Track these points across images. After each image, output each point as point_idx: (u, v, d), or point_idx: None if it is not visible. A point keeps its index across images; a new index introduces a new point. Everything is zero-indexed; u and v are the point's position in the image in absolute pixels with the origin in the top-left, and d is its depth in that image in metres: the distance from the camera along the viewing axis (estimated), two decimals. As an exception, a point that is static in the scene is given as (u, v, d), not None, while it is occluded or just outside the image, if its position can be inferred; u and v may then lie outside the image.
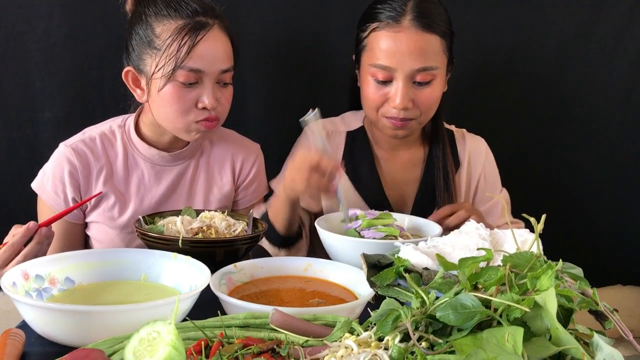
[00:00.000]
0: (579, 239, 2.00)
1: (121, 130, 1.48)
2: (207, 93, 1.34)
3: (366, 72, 1.47)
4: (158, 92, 1.33)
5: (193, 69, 1.31)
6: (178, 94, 1.32)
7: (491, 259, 0.79)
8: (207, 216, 1.27)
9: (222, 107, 1.40)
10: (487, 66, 1.94)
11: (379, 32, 1.42)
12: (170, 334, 0.59)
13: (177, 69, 1.30)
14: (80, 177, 1.42)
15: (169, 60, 1.30)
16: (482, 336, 0.67)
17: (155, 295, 1.01)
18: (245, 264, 1.10)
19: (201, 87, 1.34)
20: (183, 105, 1.33)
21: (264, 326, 0.84)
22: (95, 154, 1.43)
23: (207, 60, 1.32)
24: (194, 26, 1.32)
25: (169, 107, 1.34)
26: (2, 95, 1.84)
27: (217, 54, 1.34)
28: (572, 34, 1.92)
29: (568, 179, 2.03)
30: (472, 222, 1.08)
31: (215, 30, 1.35)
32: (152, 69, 1.33)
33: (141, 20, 1.36)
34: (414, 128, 1.52)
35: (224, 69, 1.36)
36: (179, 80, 1.31)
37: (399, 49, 1.39)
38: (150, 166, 1.46)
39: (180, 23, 1.32)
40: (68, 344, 0.86)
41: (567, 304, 0.72)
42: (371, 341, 0.74)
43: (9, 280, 0.93)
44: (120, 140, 1.46)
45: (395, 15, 1.40)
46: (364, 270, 0.94)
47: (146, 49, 1.34)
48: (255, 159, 1.59)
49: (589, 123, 1.99)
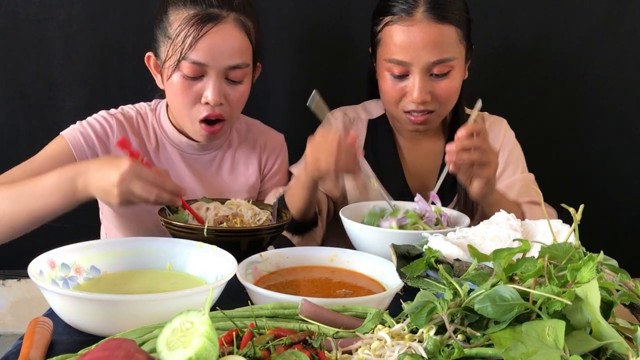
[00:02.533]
0: (604, 230, 1.97)
1: (152, 115, 1.48)
2: (210, 88, 1.30)
3: (382, 67, 1.45)
4: (167, 80, 1.34)
5: (196, 62, 1.28)
6: (182, 85, 1.31)
7: (528, 250, 0.77)
8: (234, 203, 1.25)
9: (231, 106, 1.35)
10: (511, 54, 1.90)
11: (393, 26, 1.40)
12: (204, 325, 0.58)
13: (182, 60, 1.28)
14: (113, 142, 1.39)
15: (176, 50, 1.29)
16: (521, 329, 0.66)
17: (181, 285, 1.01)
18: (271, 254, 1.09)
19: (206, 81, 1.31)
20: (187, 97, 1.32)
21: (293, 317, 0.83)
22: (133, 130, 1.44)
23: (211, 54, 1.28)
24: (202, 17, 1.28)
25: (175, 98, 1.34)
26: (24, 84, 1.85)
27: (224, 48, 1.30)
28: (599, 23, 1.88)
29: (592, 169, 2.00)
30: (502, 212, 1.05)
31: (227, 24, 1.30)
32: (164, 57, 1.33)
33: (163, 5, 1.36)
34: (434, 120, 1.49)
35: (232, 65, 1.31)
36: (184, 72, 1.29)
37: (413, 42, 1.36)
38: (179, 153, 1.46)
39: (192, 13, 1.29)
40: (95, 332, 0.85)
41: (608, 297, 0.70)
42: (404, 333, 0.73)
43: (36, 268, 0.93)
44: (151, 124, 1.46)
45: (407, 8, 1.37)
46: (394, 261, 0.92)
47: (162, 35, 1.34)
48: (280, 150, 1.59)
49: (614, 113, 1.96)
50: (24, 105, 1.86)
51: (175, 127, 1.45)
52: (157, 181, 1.13)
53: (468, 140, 1.24)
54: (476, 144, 1.24)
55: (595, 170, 2.00)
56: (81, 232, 1.19)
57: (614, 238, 1.98)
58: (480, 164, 1.25)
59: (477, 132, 1.25)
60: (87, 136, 1.37)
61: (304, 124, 1.77)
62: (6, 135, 1.88)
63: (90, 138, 1.37)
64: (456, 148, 1.24)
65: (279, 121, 1.82)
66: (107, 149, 1.39)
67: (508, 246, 0.97)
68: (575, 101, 1.94)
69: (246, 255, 1.05)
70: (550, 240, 0.94)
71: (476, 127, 1.26)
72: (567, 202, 0.78)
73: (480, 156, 1.25)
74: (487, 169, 1.27)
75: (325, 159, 1.24)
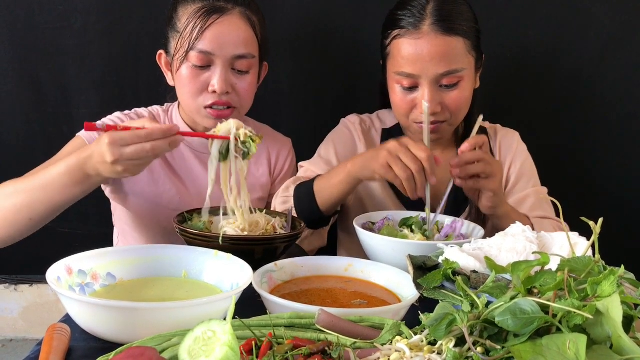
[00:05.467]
0: (621, 241, 1.95)
1: (164, 115, 1.52)
2: (217, 76, 1.35)
3: (392, 80, 1.46)
4: (176, 73, 1.39)
5: (203, 51, 1.34)
6: (190, 75, 1.36)
7: (547, 264, 0.76)
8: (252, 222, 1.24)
9: (239, 95, 1.40)
10: (524, 66, 1.90)
11: (400, 39, 1.41)
12: (226, 334, 0.58)
13: (190, 50, 1.34)
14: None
15: (184, 42, 1.34)
16: (541, 343, 0.66)
17: (197, 292, 1.01)
18: (286, 263, 1.09)
19: (213, 70, 1.36)
20: (194, 86, 1.36)
21: (310, 326, 0.83)
22: None
23: (217, 43, 1.34)
24: (209, 9, 1.34)
25: (183, 89, 1.39)
26: (39, 91, 1.87)
27: (230, 38, 1.35)
28: (614, 34, 1.88)
29: (607, 179, 1.99)
30: (518, 224, 1.05)
31: (232, 16, 1.37)
32: (174, 51, 1.39)
33: (173, 5, 1.42)
34: (446, 130, 1.50)
35: (238, 55, 1.37)
36: (192, 62, 1.35)
37: (421, 55, 1.37)
38: (192, 152, 1.50)
39: (199, 6, 1.35)
40: (112, 339, 0.86)
41: (629, 311, 0.70)
42: (423, 345, 0.73)
43: (54, 274, 0.93)
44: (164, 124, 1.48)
45: (415, 21, 1.38)
46: (411, 272, 0.92)
47: (171, 31, 1.40)
48: (289, 153, 1.63)
49: (628, 124, 1.95)
50: (39, 112, 1.88)
51: (189, 126, 1.49)
52: (143, 135, 1.09)
53: (470, 153, 1.25)
54: (479, 156, 1.25)
55: (609, 183, 1.99)
56: (92, 239, 1.20)
57: (630, 250, 1.97)
58: (485, 175, 1.26)
59: (479, 145, 1.27)
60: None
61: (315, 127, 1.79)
62: (22, 141, 1.90)
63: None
64: (459, 162, 1.25)
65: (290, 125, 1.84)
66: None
67: (524, 258, 0.97)
68: (588, 113, 1.94)
69: (260, 264, 1.06)
70: (567, 253, 0.94)
71: (478, 140, 1.28)
72: (580, 215, 0.78)
73: (484, 168, 1.26)
74: (493, 181, 1.27)
75: (399, 171, 1.21)
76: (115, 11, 1.81)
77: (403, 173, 1.22)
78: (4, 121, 1.89)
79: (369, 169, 1.28)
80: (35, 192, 1.20)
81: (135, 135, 1.09)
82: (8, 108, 1.87)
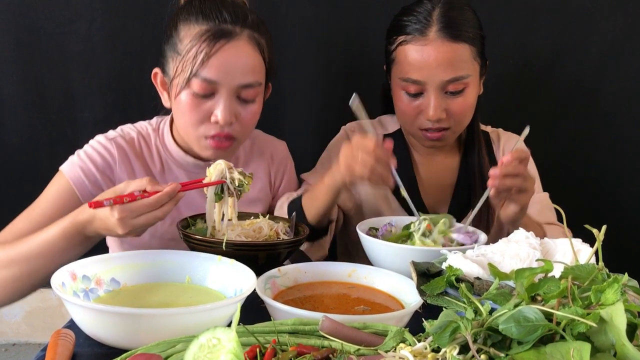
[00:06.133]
0: (624, 248, 1.95)
1: (155, 135, 1.41)
2: (221, 107, 1.25)
3: (397, 86, 1.46)
4: (175, 98, 1.28)
5: (207, 79, 1.23)
6: (192, 103, 1.25)
7: (550, 271, 0.76)
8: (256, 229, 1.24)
9: (242, 126, 1.30)
10: (527, 70, 1.91)
11: (406, 45, 1.40)
12: (231, 342, 0.58)
13: (192, 77, 1.23)
14: (117, 172, 1.33)
15: (186, 66, 1.23)
16: (545, 350, 0.66)
17: (200, 298, 1.01)
18: (289, 269, 1.09)
19: (216, 99, 1.26)
20: (195, 116, 1.26)
21: (313, 333, 0.83)
22: (135, 153, 1.37)
23: (223, 71, 1.23)
24: (215, 33, 1.23)
25: (182, 116, 1.28)
26: (43, 95, 1.88)
27: (237, 66, 1.25)
28: (615, 40, 1.88)
29: (609, 185, 1.99)
30: (521, 230, 1.05)
31: (240, 41, 1.25)
32: (173, 74, 1.27)
33: (173, 20, 1.30)
34: (450, 137, 1.50)
35: (244, 84, 1.26)
36: (193, 90, 1.24)
37: (427, 62, 1.37)
38: (185, 174, 1.40)
39: (204, 28, 1.24)
40: (116, 345, 0.86)
41: (632, 319, 0.70)
42: (427, 352, 0.73)
43: (58, 280, 0.94)
44: (154, 145, 1.40)
45: (421, 27, 1.38)
46: (414, 278, 0.92)
47: (171, 51, 1.29)
48: (287, 159, 1.58)
49: (630, 129, 1.95)
50: (43, 116, 1.89)
51: (181, 147, 1.40)
52: (152, 204, 1.08)
53: (512, 166, 1.23)
54: (519, 170, 1.23)
55: (612, 188, 1.99)
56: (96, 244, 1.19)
57: (633, 257, 1.97)
58: (520, 190, 1.24)
59: (522, 158, 1.25)
60: (88, 172, 1.31)
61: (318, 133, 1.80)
62: (26, 145, 1.91)
63: (92, 173, 1.31)
64: (500, 173, 1.22)
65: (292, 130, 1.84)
66: (111, 180, 1.33)
67: (528, 264, 0.97)
68: (589, 119, 1.95)
69: (263, 269, 1.06)
70: (570, 260, 0.94)
71: (522, 154, 1.26)
72: (582, 221, 0.78)
73: (521, 183, 1.24)
74: (525, 196, 1.26)
75: (360, 166, 1.22)
76: (119, 16, 1.82)
77: (364, 169, 1.22)
78: (8, 125, 1.89)
79: (338, 176, 1.28)
80: (32, 261, 1.14)
81: (144, 205, 1.07)
82: (12, 112, 1.88)
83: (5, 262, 1.15)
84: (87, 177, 1.30)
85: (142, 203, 1.07)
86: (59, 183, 1.31)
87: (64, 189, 1.29)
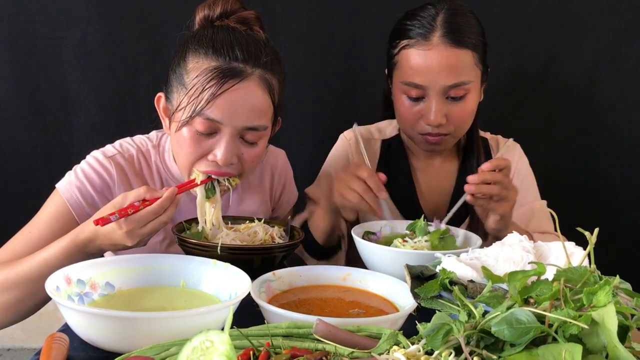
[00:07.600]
0: (617, 251, 1.97)
1: (155, 152, 1.37)
2: (222, 148, 1.20)
3: (398, 89, 1.46)
4: (175, 131, 1.23)
5: (211, 119, 1.17)
6: (192, 140, 1.20)
7: (543, 274, 0.77)
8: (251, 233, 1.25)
9: (243, 165, 1.26)
10: (522, 75, 1.92)
11: (409, 49, 1.41)
12: (224, 344, 0.58)
13: (195, 115, 1.17)
14: (116, 192, 1.29)
15: (190, 101, 1.17)
16: (537, 352, 0.66)
17: (195, 302, 1.01)
18: (284, 272, 1.10)
19: (218, 138, 1.20)
20: (194, 153, 1.22)
21: (308, 336, 0.83)
22: (135, 171, 1.33)
23: (228, 113, 1.17)
24: (224, 72, 1.16)
25: (181, 149, 1.23)
26: (39, 100, 1.88)
27: (244, 108, 1.18)
28: (608, 44, 1.90)
29: (604, 189, 2.00)
30: (515, 234, 1.06)
31: (250, 82, 1.18)
32: (176, 105, 1.22)
33: (182, 49, 1.24)
34: (449, 142, 1.50)
35: (249, 127, 1.20)
36: (196, 128, 1.19)
37: (430, 66, 1.38)
38: (185, 194, 1.30)
39: (213, 65, 1.17)
40: (110, 349, 0.86)
41: (624, 321, 0.70)
42: (420, 355, 0.73)
43: (53, 284, 0.94)
44: (154, 164, 1.36)
45: (424, 32, 1.38)
46: (408, 281, 0.93)
47: (176, 81, 1.23)
48: (286, 169, 1.57)
49: (624, 134, 1.97)
50: (39, 121, 1.89)
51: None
52: (157, 210, 1.09)
53: (490, 174, 1.25)
54: (497, 178, 1.26)
55: (606, 192, 2.00)
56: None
57: (625, 260, 1.98)
58: (499, 198, 1.27)
59: (502, 167, 1.27)
60: (86, 193, 1.27)
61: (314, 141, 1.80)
62: (22, 149, 1.91)
63: (89, 194, 1.27)
64: (477, 179, 1.25)
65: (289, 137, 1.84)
66: (108, 200, 1.24)
67: (521, 268, 0.97)
68: (585, 123, 1.96)
69: (259, 273, 1.06)
70: (563, 263, 0.95)
71: (501, 162, 1.28)
72: (577, 225, 0.78)
73: (500, 191, 1.26)
74: (504, 205, 1.28)
75: (350, 197, 1.28)
76: (115, 21, 1.82)
77: (353, 198, 1.28)
78: (4, 130, 1.90)
79: (332, 200, 1.33)
80: (33, 282, 1.12)
81: (149, 213, 1.08)
82: (8, 117, 1.89)
83: (6, 285, 1.14)
84: (84, 198, 1.27)
85: (146, 211, 1.08)
86: (55, 204, 1.27)
87: (61, 211, 1.26)
